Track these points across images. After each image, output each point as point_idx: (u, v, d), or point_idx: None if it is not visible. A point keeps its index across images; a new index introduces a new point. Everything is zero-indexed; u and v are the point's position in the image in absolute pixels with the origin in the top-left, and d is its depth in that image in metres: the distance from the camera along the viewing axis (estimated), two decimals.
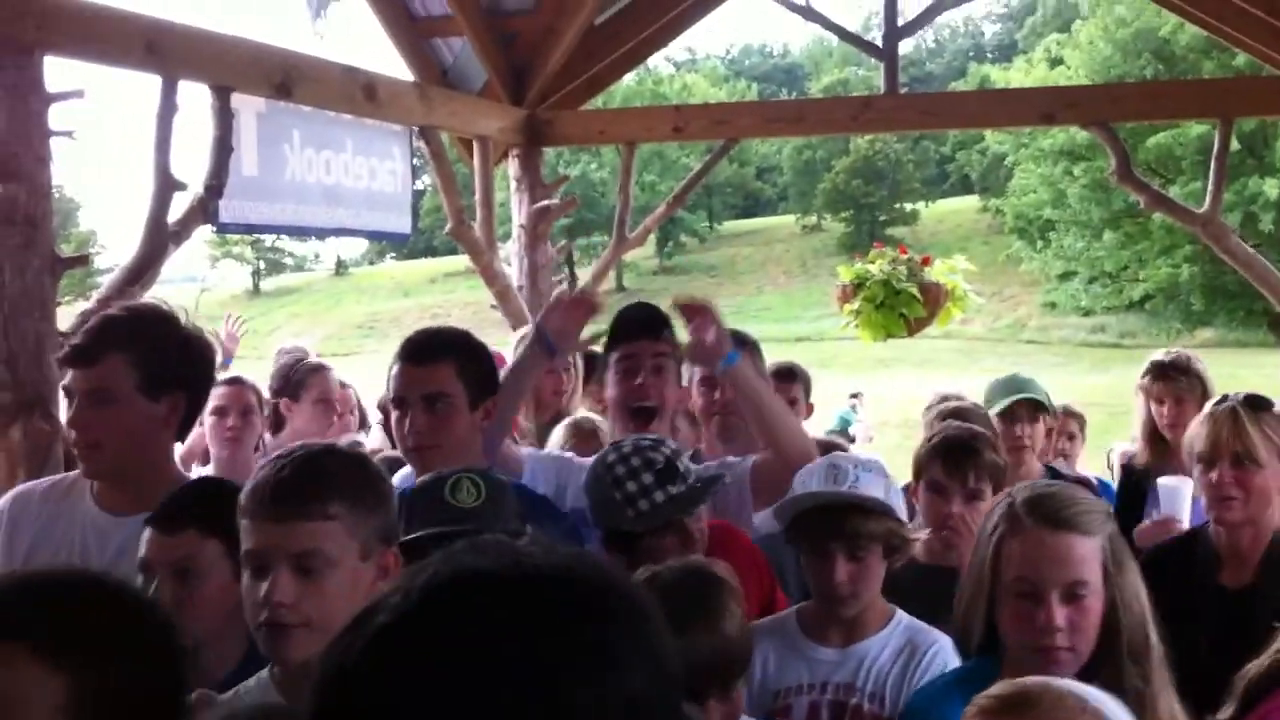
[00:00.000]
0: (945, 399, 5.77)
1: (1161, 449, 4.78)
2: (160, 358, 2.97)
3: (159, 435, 3.02)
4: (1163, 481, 4.15)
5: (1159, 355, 5.05)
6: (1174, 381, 4.80)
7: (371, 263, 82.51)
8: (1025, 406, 4.89)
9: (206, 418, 4.96)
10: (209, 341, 3.24)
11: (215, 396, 4.85)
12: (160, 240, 4.99)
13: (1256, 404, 3.47)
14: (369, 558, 2.21)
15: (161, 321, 3.05)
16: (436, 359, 3.27)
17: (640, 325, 3.84)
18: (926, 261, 7.47)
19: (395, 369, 3.33)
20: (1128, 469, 5.08)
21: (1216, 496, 3.42)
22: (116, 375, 2.92)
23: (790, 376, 5.29)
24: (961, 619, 2.58)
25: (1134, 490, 4.76)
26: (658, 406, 3.74)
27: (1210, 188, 7.54)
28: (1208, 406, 3.59)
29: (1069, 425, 6.17)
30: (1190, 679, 2.46)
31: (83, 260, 4.89)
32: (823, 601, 3.00)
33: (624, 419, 3.78)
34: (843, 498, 2.95)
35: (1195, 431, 3.54)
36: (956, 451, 3.61)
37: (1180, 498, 4.04)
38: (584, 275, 9.75)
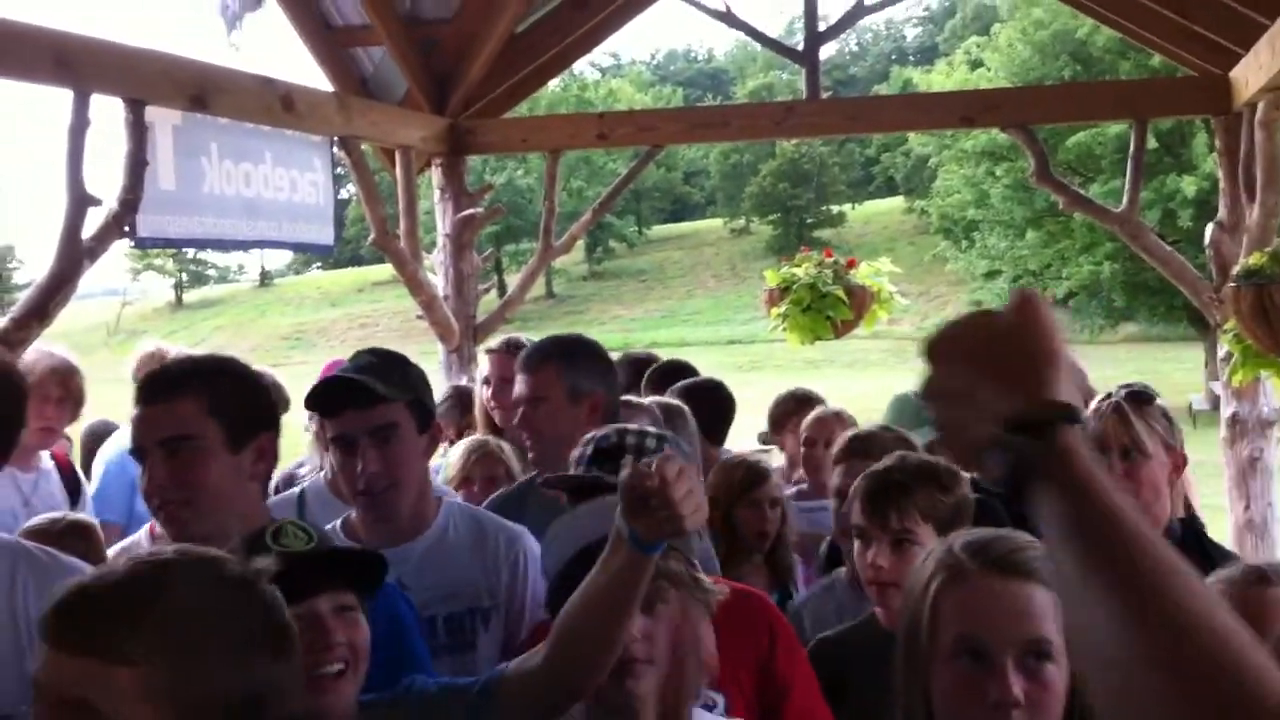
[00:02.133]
0: (803, 400, 5.72)
1: None
2: None
3: None
4: None
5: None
6: None
7: (297, 273, 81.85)
8: None
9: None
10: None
11: None
12: (75, 256, 4.88)
13: (1139, 398, 3.51)
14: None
15: None
16: (174, 394, 2.72)
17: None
18: (852, 264, 7.52)
19: (133, 414, 2.81)
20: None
21: None
22: None
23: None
24: (902, 700, 2.02)
25: None
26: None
27: (1128, 187, 7.65)
28: (1092, 404, 3.59)
29: None
30: None
31: None
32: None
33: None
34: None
35: None
36: (876, 490, 3.04)
37: None
38: (512, 282, 9.72)
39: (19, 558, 2.65)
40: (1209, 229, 7.46)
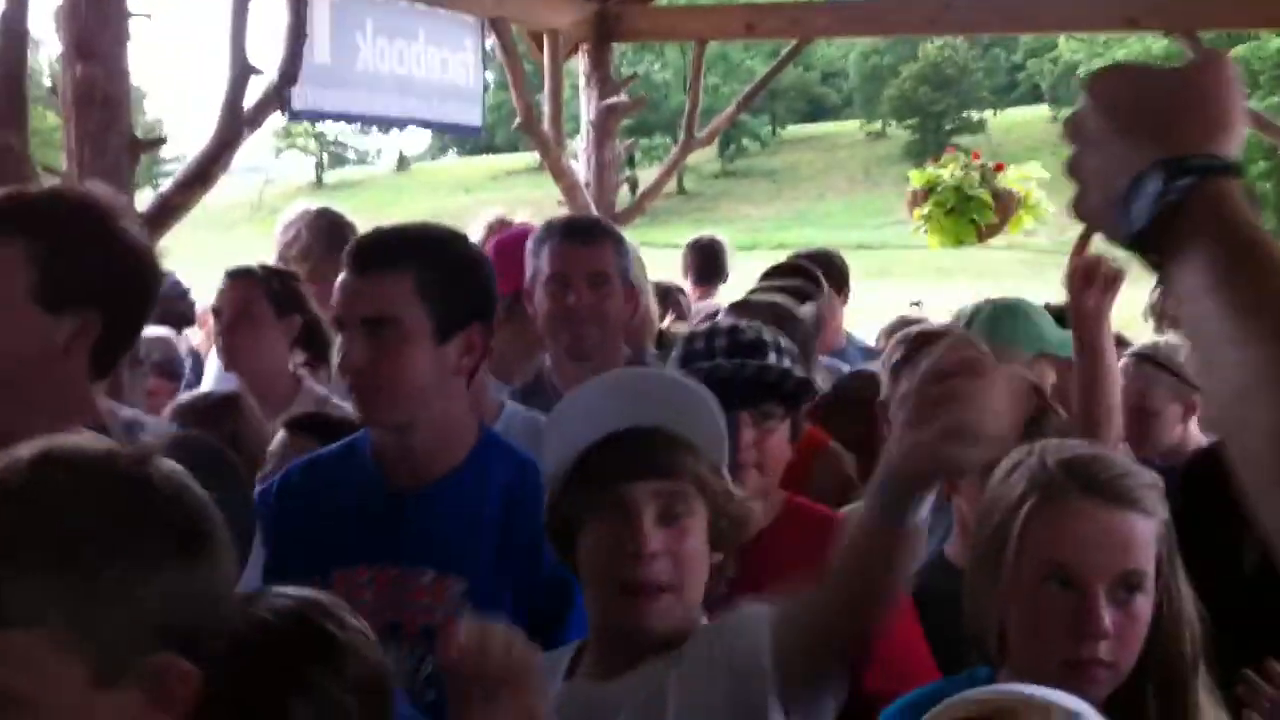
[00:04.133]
0: (908, 322, 5.22)
1: None
2: (67, 259, 2.10)
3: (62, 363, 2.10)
4: None
5: None
6: None
7: (433, 158, 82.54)
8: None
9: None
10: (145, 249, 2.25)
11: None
12: (235, 126, 4.98)
13: None
14: None
15: (81, 211, 2.18)
16: (385, 268, 2.39)
17: None
18: (1000, 168, 7.38)
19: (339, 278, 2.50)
20: None
21: None
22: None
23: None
24: (972, 621, 1.87)
25: None
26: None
27: None
28: None
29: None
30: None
31: (160, 143, 4.92)
32: (622, 596, 1.89)
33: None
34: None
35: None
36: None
37: None
38: (646, 176, 9.73)
39: None
40: None
